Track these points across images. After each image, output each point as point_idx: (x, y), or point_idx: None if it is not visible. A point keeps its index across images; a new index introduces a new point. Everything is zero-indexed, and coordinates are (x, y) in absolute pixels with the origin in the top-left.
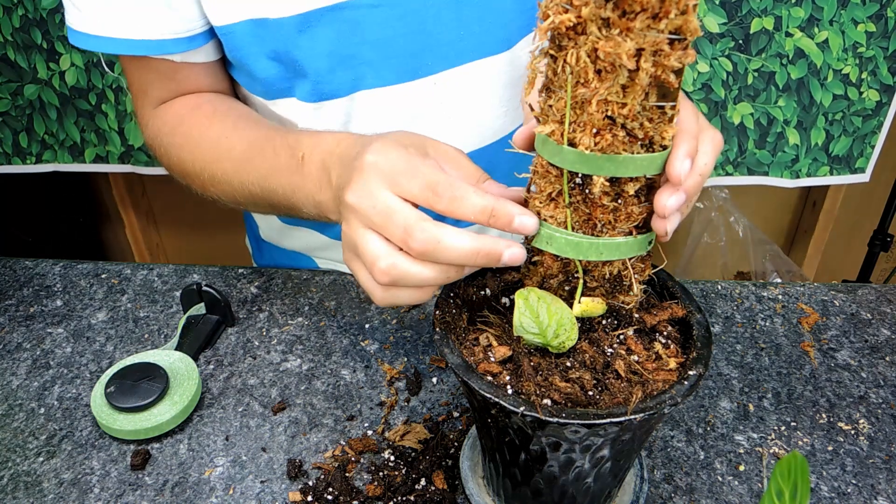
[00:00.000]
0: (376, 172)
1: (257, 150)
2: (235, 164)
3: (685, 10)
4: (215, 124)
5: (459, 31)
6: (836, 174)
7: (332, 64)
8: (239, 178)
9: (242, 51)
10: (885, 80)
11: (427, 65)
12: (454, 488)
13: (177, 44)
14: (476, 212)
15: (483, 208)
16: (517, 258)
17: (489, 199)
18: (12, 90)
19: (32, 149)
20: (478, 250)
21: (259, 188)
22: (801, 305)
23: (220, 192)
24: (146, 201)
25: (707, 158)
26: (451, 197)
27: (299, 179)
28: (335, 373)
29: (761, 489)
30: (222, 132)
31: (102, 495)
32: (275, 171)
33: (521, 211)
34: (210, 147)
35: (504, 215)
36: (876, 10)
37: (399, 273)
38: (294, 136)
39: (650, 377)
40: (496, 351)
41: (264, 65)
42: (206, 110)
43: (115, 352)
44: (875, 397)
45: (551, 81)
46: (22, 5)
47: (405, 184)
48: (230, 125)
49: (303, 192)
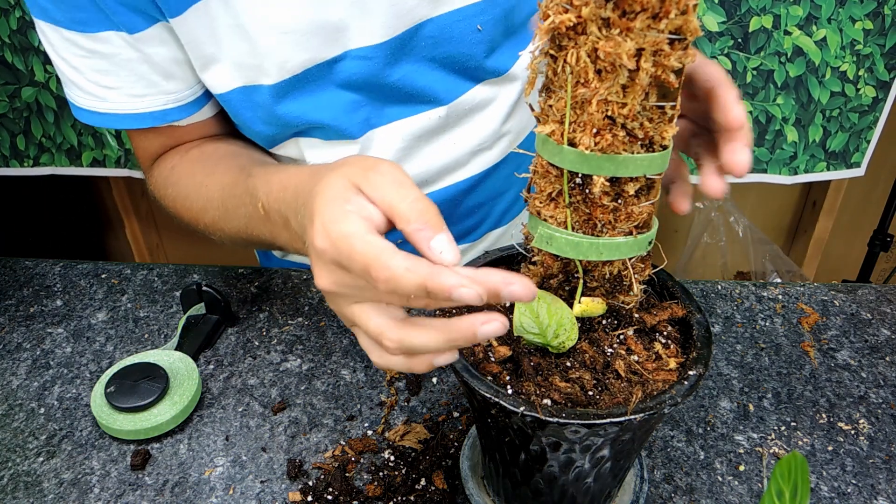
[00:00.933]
0: (321, 262)
1: (230, 199)
2: (219, 213)
3: (685, 10)
4: (196, 170)
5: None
6: (833, 169)
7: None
8: (228, 226)
9: (240, 117)
10: (881, 77)
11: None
12: (454, 488)
13: (181, 110)
14: (413, 289)
15: (417, 287)
16: (496, 331)
17: (422, 272)
18: (9, 93)
19: (30, 152)
20: (451, 339)
21: (246, 235)
22: (801, 305)
23: (220, 238)
24: (146, 203)
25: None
26: (386, 279)
27: (272, 229)
28: (335, 373)
29: (761, 489)
30: (203, 180)
31: (102, 495)
32: (251, 221)
33: (457, 282)
34: (195, 197)
35: (440, 291)
36: (873, 7)
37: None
38: (252, 180)
39: (650, 377)
40: (496, 351)
41: (261, 127)
42: (193, 155)
43: (115, 352)
44: (875, 397)
45: (551, 81)
46: (19, 7)
47: (347, 268)
48: (208, 171)
49: (281, 241)
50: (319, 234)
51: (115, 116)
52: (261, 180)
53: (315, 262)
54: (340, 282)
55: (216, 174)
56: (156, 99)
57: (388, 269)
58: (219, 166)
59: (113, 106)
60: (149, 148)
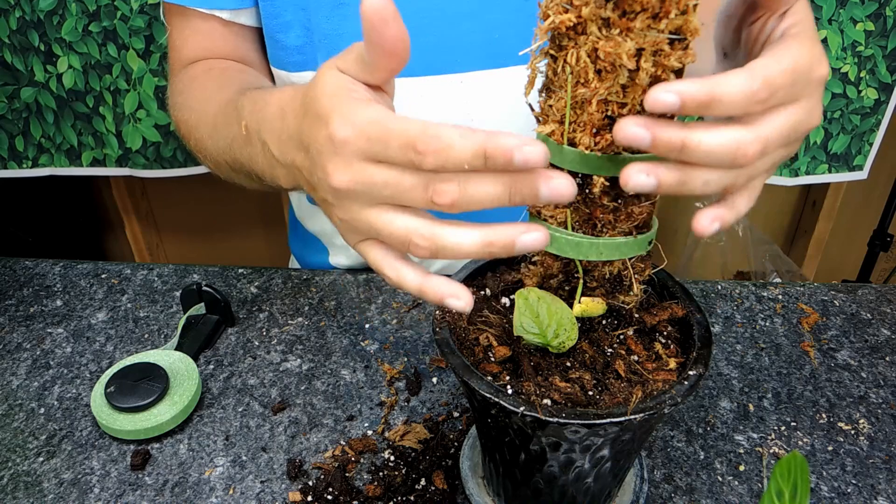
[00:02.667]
0: (349, 151)
1: (222, 116)
2: (209, 129)
3: (685, 10)
4: (208, 85)
5: (493, 34)
6: (835, 172)
7: None
8: (214, 145)
9: (279, 19)
10: (883, 79)
11: (455, 62)
12: (454, 488)
13: (228, 1)
14: (468, 156)
15: (475, 150)
16: (538, 242)
17: (479, 136)
18: (9, 93)
19: (29, 153)
20: (488, 243)
21: (229, 157)
22: (801, 305)
23: (204, 158)
24: (146, 203)
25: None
26: (436, 150)
27: (252, 151)
28: (335, 373)
29: (761, 489)
30: (210, 94)
31: (102, 495)
32: (234, 141)
33: (520, 140)
34: (197, 108)
35: (501, 148)
36: (875, 8)
37: (440, 244)
38: (242, 99)
39: (650, 377)
40: (496, 351)
41: (297, 33)
42: (215, 73)
43: (115, 352)
44: (875, 397)
45: (551, 81)
46: (19, 7)
47: (382, 152)
48: (215, 86)
49: (259, 166)
50: (340, 126)
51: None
52: (248, 99)
53: (331, 159)
54: (364, 176)
55: (221, 89)
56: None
57: (437, 138)
58: (227, 82)
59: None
60: (183, 48)
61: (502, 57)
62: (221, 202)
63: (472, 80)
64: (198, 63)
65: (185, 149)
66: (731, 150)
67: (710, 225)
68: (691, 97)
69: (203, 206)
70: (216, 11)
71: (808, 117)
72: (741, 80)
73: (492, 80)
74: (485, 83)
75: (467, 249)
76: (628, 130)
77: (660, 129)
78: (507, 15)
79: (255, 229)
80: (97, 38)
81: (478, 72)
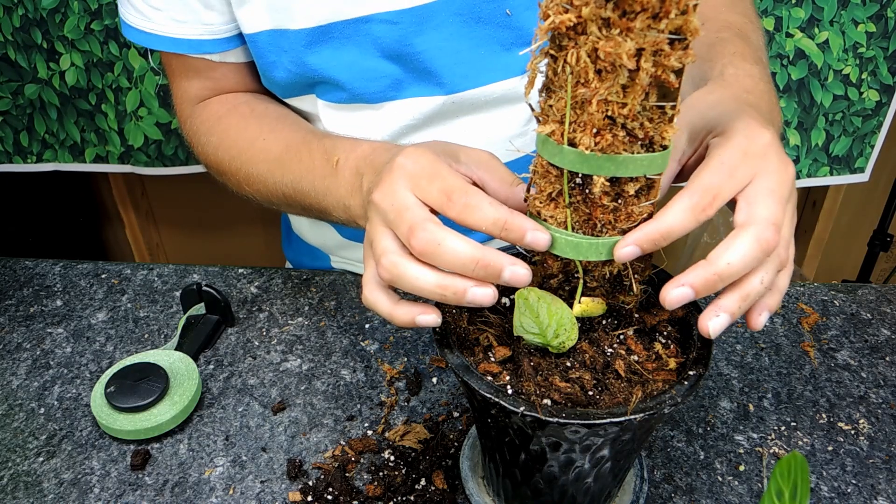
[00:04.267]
0: (402, 174)
1: (293, 153)
2: (271, 165)
3: (685, 10)
4: (251, 125)
5: (479, 51)
6: (836, 174)
7: (352, 76)
8: (273, 179)
9: (264, 59)
10: (885, 80)
11: (443, 83)
12: (454, 488)
13: (214, 44)
14: (488, 223)
15: (496, 220)
16: (521, 278)
17: (503, 212)
18: (13, 90)
19: (33, 148)
20: (479, 259)
21: (292, 189)
22: (801, 305)
23: (254, 191)
24: (146, 201)
25: (739, 251)
26: (465, 204)
27: (332, 183)
28: (335, 373)
29: (761, 489)
30: (259, 133)
31: (102, 495)
32: (308, 174)
33: (534, 226)
34: (246, 147)
35: (517, 229)
36: (876, 10)
37: (399, 272)
38: (331, 140)
39: (650, 377)
40: (496, 351)
41: (283, 74)
42: (244, 111)
43: (115, 352)
44: (875, 397)
45: (551, 81)
46: (22, 5)
47: (425, 186)
48: (267, 127)
49: (334, 197)
50: (407, 156)
51: (157, 37)
52: (344, 140)
53: (384, 179)
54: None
55: (277, 130)
56: (194, 28)
57: (472, 196)
58: (279, 123)
59: (156, 27)
60: (189, 90)
61: (490, 73)
62: (221, 200)
63: (462, 99)
64: (212, 101)
65: (186, 147)
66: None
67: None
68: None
69: (202, 204)
70: (204, 56)
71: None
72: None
73: (481, 98)
74: (474, 101)
75: (422, 286)
76: (674, 294)
77: (695, 280)
78: (492, 31)
79: (254, 227)
80: (99, 36)
81: (467, 91)
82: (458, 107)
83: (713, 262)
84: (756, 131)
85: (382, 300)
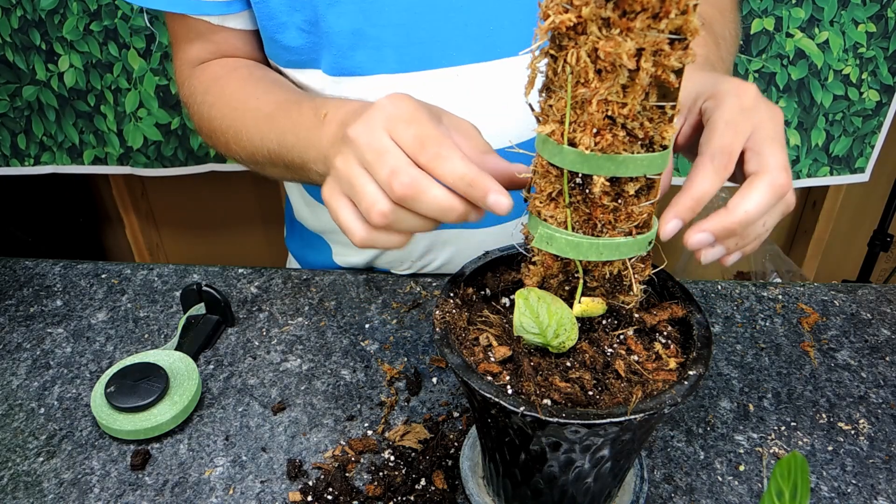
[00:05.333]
0: (381, 114)
1: (284, 110)
2: (260, 121)
3: (685, 9)
4: (248, 86)
5: (488, 26)
6: (837, 174)
7: (353, 42)
8: (260, 135)
9: (274, 20)
10: (885, 81)
11: (450, 55)
12: (454, 488)
13: (214, 6)
14: (456, 176)
15: (464, 175)
16: (502, 206)
17: (473, 169)
18: (11, 91)
19: (31, 150)
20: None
21: (277, 145)
22: (801, 305)
23: (241, 149)
24: (146, 202)
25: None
26: (437, 153)
27: (316, 135)
28: (335, 373)
29: (761, 489)
30: (254, 93)
31: (102, 495)
32: (295, 127)
33: (498, 189)
34: (239, 106)
35: (481, 188)
36: (876, 10)
37: (397, 218)
38: (323, 99)
39: (650, 377)
40: (496, 351)
41: (294, 34)
42: (242, 73)
43: (115, 352)
44: (875, 397)
45: (551, 81)
46: (21, 6)
47: (402, 130)
48: (262, 88)
49: (316, 149)
50: (389, 98)
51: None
52: (337, 99)
53: (361, 116)
54: (372, 138)
55: (272, 92)
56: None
57: (445, 147)
58: (275, 86)
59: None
60: (190, 52)
61: (498, 49)
62: (220, 200)
63: (468, 73)
64: (212, 63)
65: (186, 148)
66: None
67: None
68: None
69: (202, 204)
70: (203, 17)
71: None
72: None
73: (488, 73)
74: (481, 76)
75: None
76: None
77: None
78: (501, 6)
79: (254, 227)
80: (98, 37)
81: (473, 65)
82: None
83: (732, 211)
84: (742, 87)
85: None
